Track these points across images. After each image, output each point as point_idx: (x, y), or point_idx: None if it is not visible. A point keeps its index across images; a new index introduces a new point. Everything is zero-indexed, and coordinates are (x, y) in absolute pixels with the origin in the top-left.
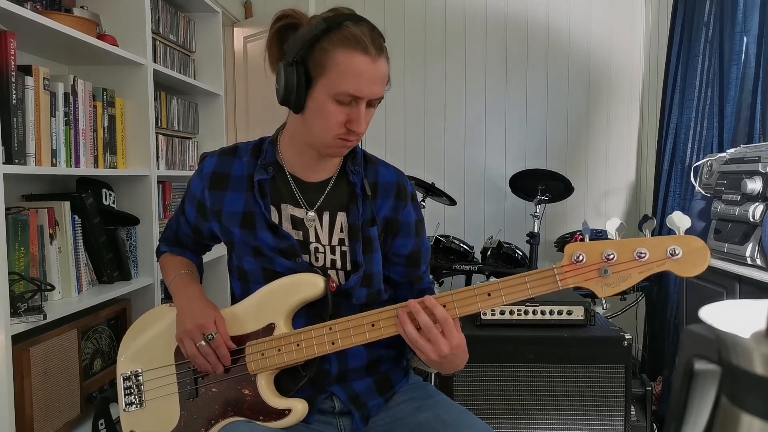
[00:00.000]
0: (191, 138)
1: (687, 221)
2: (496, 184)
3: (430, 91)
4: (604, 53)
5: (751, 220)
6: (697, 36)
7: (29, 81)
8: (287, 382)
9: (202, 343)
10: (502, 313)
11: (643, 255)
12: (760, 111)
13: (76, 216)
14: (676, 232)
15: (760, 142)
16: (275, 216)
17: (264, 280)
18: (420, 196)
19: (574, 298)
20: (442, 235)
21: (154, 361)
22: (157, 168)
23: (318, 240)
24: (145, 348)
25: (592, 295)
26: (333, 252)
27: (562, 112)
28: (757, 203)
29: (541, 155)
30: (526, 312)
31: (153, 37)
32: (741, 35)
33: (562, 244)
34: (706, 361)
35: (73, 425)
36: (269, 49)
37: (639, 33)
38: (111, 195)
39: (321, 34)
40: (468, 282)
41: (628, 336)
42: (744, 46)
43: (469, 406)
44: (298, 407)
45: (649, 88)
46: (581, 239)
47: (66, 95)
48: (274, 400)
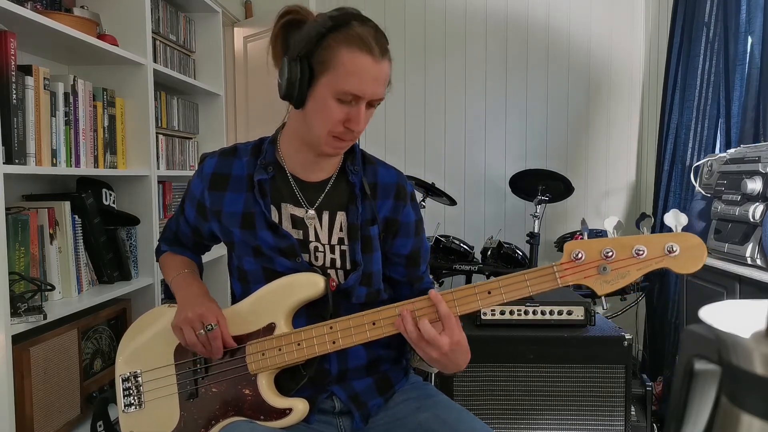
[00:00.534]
0: (191, 138)
1: (684, 219)
2: (496, 184)
3: (430, 92)
4: (604, 53)
5: (751, 220)
6: (698, 36)
7: (29, 81)
8: (287, 381)
9: (202, 332)
10: (503, 313)
11: (641, 252)
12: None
13: (76, 216)
14: (673, 230)
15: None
16: (275, 215)
17: (264, 279)
18: (420, 196)
19: (574, 298)
20: (442, 235)
21: (153, 362)
22: (157, 168)
23: (318, 239)
24: (144, 348)
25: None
26: (332, 251)
27: (562, 112)
28: (757, 203)
29: (541, 155)
30: (526, 312)
31: (153, 37)
32: (745, 36)
33: (562, 244)
34: (706, 361)
35: (73, 425)
36: (273, 44)
37: (639, 33)
38: (111, 195)
39: (327, 32)
40: (468, 282)
41: (628, 336)
42: (749, 46)
43: (469, 406)
44: (299, 407)
45: (649, 89)
46: (581, 239)
47: (66, 95)
48: (274, 399)
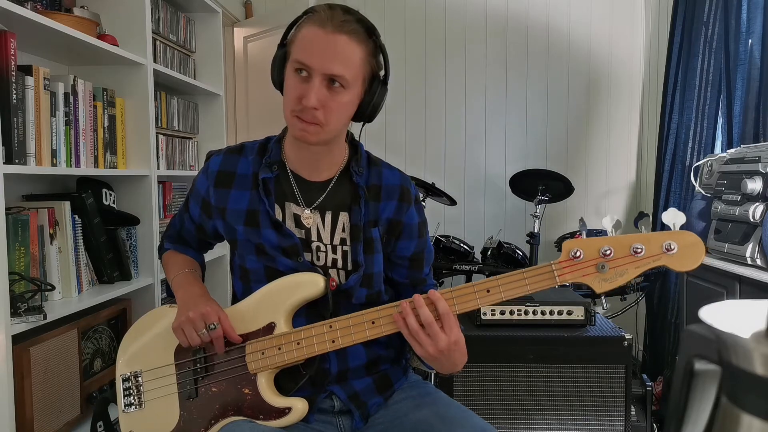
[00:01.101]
0: (191, 138)
1: (682, 217)
2: (496, 184)
3: (430, 92)
4: (604, 53)
5: (752, 220)
6: (698, 36)
7: (29, 81)
8: (287, 381)
9: (204, 331)
10: (502, 313)
11: (639, 250)
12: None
13: (77, 216)
14: (671, 228)
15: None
16: (279, 214)
17: (266, 278)
18: (420, 196)
19: (574, 298)
20: (442, 235)
21: (153, 362)
22: (157, 168)
23: (320, 239)
24: (144, 348)
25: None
26: (334, 251)
27: (562, 112)
28: (757, 203)
29: (541, 155)
30: (526, 312)
31: (153, 37)
32: (746, 36)
33: (562, 243)
34: (706, 361)
35: (73, 425)
36: None
37: (639, 33)
38: (111, 195)
39: (300, 17)
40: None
41: (628, 336)
42: (749, 46)
43: (469, 406)
44: (299, 406)
45: (649, 89)
46: (580, 238)
47: (66, 95)
48: (274, 399)
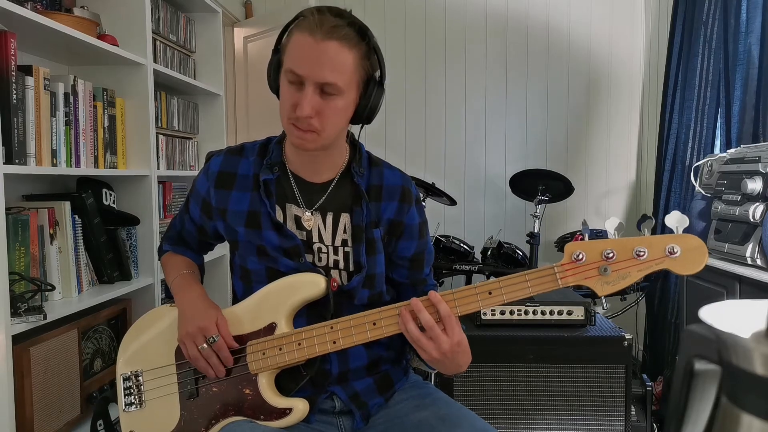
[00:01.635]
0: (191, 138)
1: (685, 220)
2: (496, 184)
3: (430, 92)
4: (604, 53)
5: (752, 220)
6: (698, 36)
7: (29, 81)
8: (288, 381)
9: (204, 345)
10: (503, 313)
11: (642, 253)
12: (763, 111)
13: (77, 216)
14: (674, 231)
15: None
16: (280, 215)
17: (267, 279)
18: (421, 197)
19: (575, 298)
20: (442, 235)
21: (154, 361)
22: (158, 168)
23: (321, 240)
24: (145, 348)
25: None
26: (336, 252)
27: (562, 112)
28: (757, 203)
29: (541, 155)
30: (527, 312)
31: (153, 37)
32: (745, 35)
33: (562, 244)
34: (707, 361)
35: (73, 425)
36: None
37: (639, 33)
38: (111, 195)
39: (292, 23)
40: (468, 282)
41: (628, 336)
42: (747, 46)
43: (469, 406)
44: (299, 406)
45: (649, 89)
46: (581, 239)
47: (66, 95)
48: (275, 399)
